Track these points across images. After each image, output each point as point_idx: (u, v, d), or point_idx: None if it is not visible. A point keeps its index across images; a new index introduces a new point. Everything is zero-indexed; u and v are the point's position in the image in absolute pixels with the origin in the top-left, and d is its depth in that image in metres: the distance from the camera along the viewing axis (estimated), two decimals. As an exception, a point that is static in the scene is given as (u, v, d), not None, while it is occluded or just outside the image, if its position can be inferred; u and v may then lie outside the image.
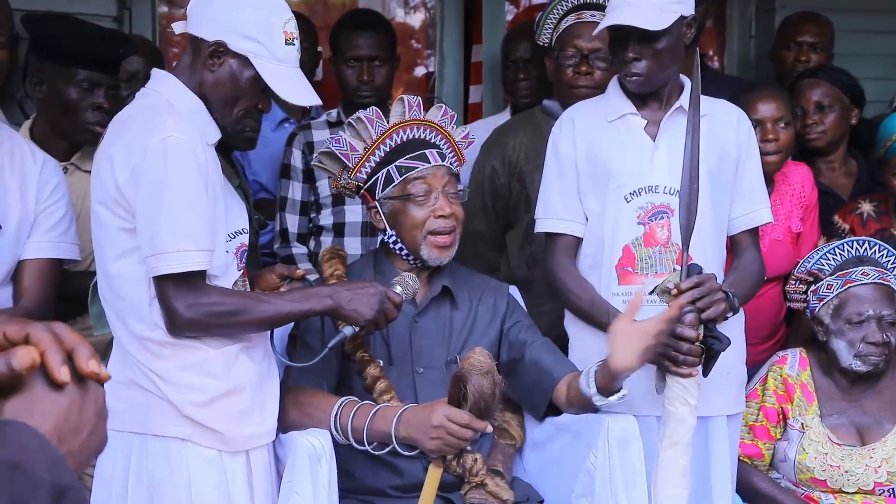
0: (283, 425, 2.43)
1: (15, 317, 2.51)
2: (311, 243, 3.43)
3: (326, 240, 3.37)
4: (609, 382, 2.41)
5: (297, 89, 2.31)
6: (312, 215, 3.43)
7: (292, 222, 3.43)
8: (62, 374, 0.92)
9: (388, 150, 2.58)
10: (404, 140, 2.59)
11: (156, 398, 2.23)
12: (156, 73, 2.33)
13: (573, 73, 3.13)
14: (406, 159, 2.57)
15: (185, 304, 2.18)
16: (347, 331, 2.40)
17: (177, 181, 2.14)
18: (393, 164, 2.57)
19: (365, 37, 3.46)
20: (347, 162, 2.59)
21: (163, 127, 2.16)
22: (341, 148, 2.59)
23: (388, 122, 2.59)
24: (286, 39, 2.27)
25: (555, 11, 3.21)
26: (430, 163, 2.57)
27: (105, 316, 2.33)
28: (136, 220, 2.17)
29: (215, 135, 2.29)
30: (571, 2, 3.17)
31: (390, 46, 3.52)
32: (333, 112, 3.49)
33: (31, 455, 0.86)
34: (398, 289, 2.45)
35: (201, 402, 2.24)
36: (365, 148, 2.58)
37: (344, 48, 3.47)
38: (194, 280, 2.18)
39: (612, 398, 2.42)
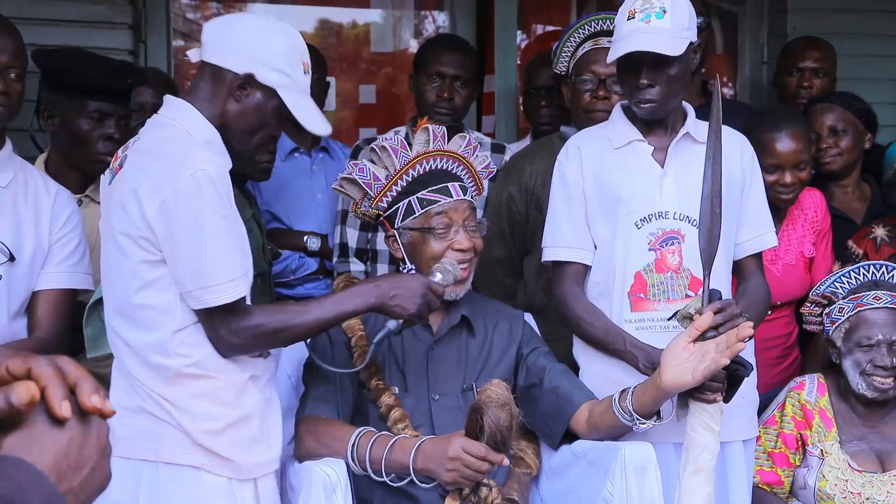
0: (300, 454, 2.43)
1: (28, 348, 2.52)
2: (368, 265, 3.45)
3: (382, 267, 3.37)
4: (647, 405, 2.42)
5: (315, 119, 2.33)
6: (370, 235, 3.44)
7: (352, 237, 3.44)
8: (63, 409, 0.91)
9: (410, 179, 2.58)
10: (427, 171, 2.59)
11: (168, 426, 2.22)
12: (170, 100, 2.32)
13: (590, 98, 3.14)
14: (429, 191, 2.56)
15: (231, 330, 2.20)
16: (391, 325, 2.40)
17: (213, 213, 2.15)
18: (415, 196, 2.56)
19: (452, 55, 3.55)
20: (370, 191, 2.59)
21: (192, 160, 2.16)
22: (364, 177, 2.59)
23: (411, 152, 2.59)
24: (304, 69, 2.30)
25: (572, 39, 3.24)
26: (452, 197, 2.57)
27: (101, 338, 2.33)
28: (169, 253, 2.17)
29: (228, 164, 2.30)
30: (588, 29, 3.19)
31: (473, 70, 3.61)
32: (402, 129, 3.53)
33: (26, 492, 0.85)
34: (438, 276, 2.46)
35: (215, 430, 2.23)
36: (388, 177, 2.58)
37: (429, 63, 3.55)
38: (238, 305, 2.20)
39: (649, 422, 2.43)
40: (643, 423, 2.43)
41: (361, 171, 2.59)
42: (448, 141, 2.64)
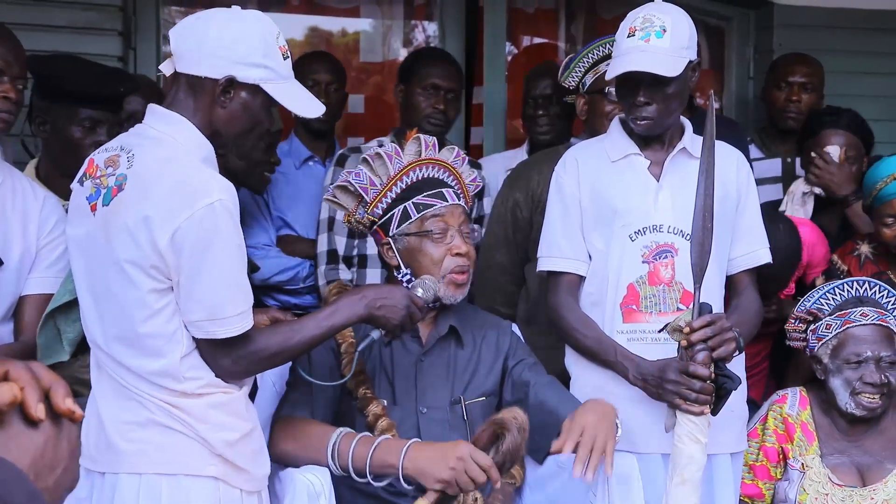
0: (275, 455, 2.40)
1: (15, 352, 2.52)
2: (354, 272, 3.46)
3: (373, 272, 3.39)
4: None
5: (304, 102, 2.28)
6: (356, 241, 3.46)
7: (340, 244, 3.46)
8: (38, 411, 0.94)
9: (404, 186, 2.60)
10: (420, 178, 2.61)
11: (183, 437, 2.16)
12: (158, 112, 2.23)
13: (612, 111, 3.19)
14: (424, 196, 2.58)
15: (232, 359, 2.16)
16: (375, 334, 2.42)
17: (227, 244, 2.10)
18: (410, 201, 2.58)
19: (444, 68, 3.64)
20: (366, 196, 2.60)
21: (209, 190, 2.08)
22: (361, 182, 2.59)
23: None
24: (282, 55, 2.23)
25: (588, 56, 3.31)
26: (447, 201, 2.59)
27: (55, 345, 2.31)
28: (179, 281, 2.10)
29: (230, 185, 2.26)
30: (606, 50, 3.25)
31: (461, 83, 3.72)
32: (385, 139, 3.55)
33: (10, 489, 0.87)
34: (419, 291, 2.47)
35: (233, 440, 2.19)
36: (382, 184, 2.60)
37: (424, 76, 3.60)
38: (241, 334, 2.17)
39: None
40: None
41: (357, 175, 2.59)
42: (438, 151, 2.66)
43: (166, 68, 2.26)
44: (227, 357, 2.16)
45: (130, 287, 2.11)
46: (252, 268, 3.10)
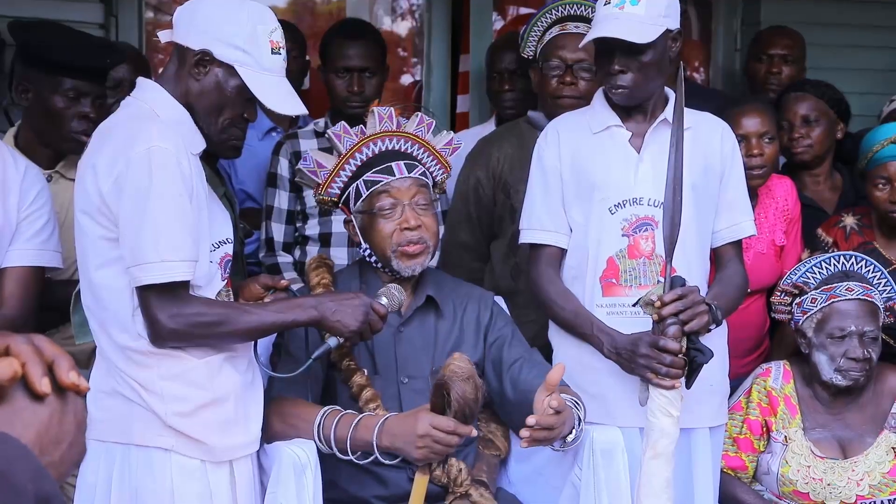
0: (268, 436, 2.43)
1: (-4, 327, 2.50)
2: (297, 253, 3.43)
3: (312, 249, 3.37)
4: None
5: (283, 98, 2.30)
6: (298, 224, 3.43)
7: (278, 231, 3.42)
8: (43, 385, 0.93)
9: (358, 164, 2.59)
10: (375, 153, 2.59)
11: (139, 408, 2.22)
12: (141, 82, 2.32)
13: (557, 84, 3.14)
14: (372, 173, 2.57)
15: (168, 314, 2.17)
16: (332, 342, 2.40)
17: (161, 191, 2.13)
18: (361, 179, 2.57)
19: (355, 47, 3.47)
20: (316, 178, 2.60)
21: (147, 136, 2.15)
22: (308, 165, 2.60)
23: (363, 135, 2.59)
24: (272, 49, 2.26)
25: (539, 23, 3.23)
26: (394, 175, 2.57)
27: (87, 325, 2.32)
28: (119, 229, 2.16)
29: (200, 144, 2.29)
30: (556, 14, 3.18)
31: (380, 57, 3.53)
32: (321, 121, 3.49)
33: (14, 465, 0.86)
34: (384, 300, 2.45)
35: (185, 412, 2.23)
36: (334, 164, 2.59)
37: (334, 58, 3.48)
38: (177, 291, 2.18)
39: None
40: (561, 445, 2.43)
41: (305, 160, 2.61)
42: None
43: (164, 36, 2.33)
44: (162, 312, 2.16)
45: (83, 235, 2.22)
46: (246, 233, 3.09)
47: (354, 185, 2.58)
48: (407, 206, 2.55)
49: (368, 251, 2.59)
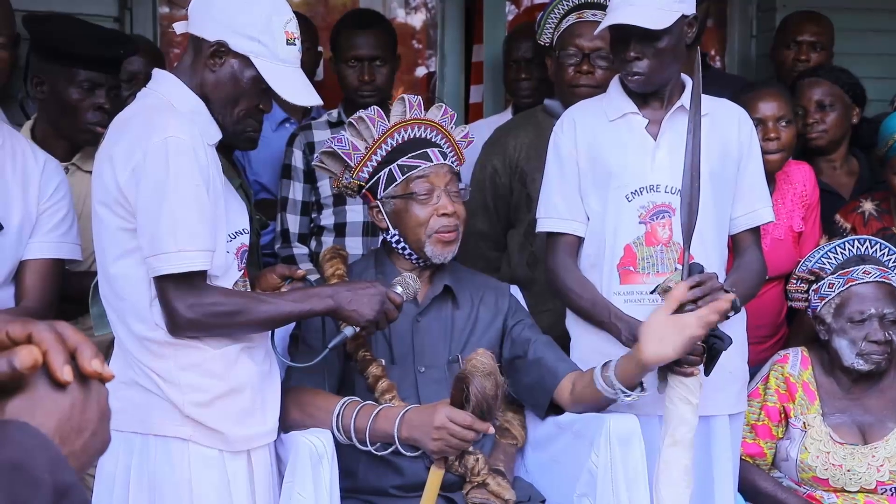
0: (286, 426, 2.43)
1: (17, 316, 2.52)
2: (312, 243, 3.44)
3: (327, 240, 3.38)
4: (630, 377, 2.43)
5: (298, 89, 2.30)
6: (313, 215, 3.44)
7: (293, 222, 3.43)
8: (65, 373, 0.91)
9: (389, 149, 2.59)
10: (406, 139, 2.60)
11: (157, 398, 2.23)
12: (157, 73, 2.33)
13: (574, 73, 3.13)
14: (408, 158, 2.57)
15: (186, 304, 2.18)
16: (348, 331, 2.40)
17: (178, 181, 2.14)
18: (395, 163, 2.57)
19: (366, 37, 3.47)
20: (350, 161, 2.59)
21: (164, 127, 2.16)
22: (343, 147, 2.59)
23: (388, 122, 2.59)
24: (287, 39, 2.27)
25: (556, 11, 3.22)
26: (432, 161, 2.58)
27: (106, 316, 2.33)
28: (136, 220, 2.17)
29: (216, 135, 2.29)
30: (572, 1, 3.17)
31: (391, 46, 3.53)
32: (334, 112, 3.50)
33: (33, 455, 0.86)
34: (399, 289, 2.45)
35: (202, 401, 2.24)
36: (367, 147, 2.59)
37: (345, 48, 3.48)
38: (195, 280, 2.18)
39: (634, 394, 2.44)
40: (628, 396, 2.45)
41: (340, 141, 2.60)
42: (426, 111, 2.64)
43: (180, 27, 2.33)
44: (180, 301, 2.17)
45: (102, 226, 2.22)
46: (262, 225, 3.09)
47: (387, 169, 2.57)
48: (443, 192, 2.56)
49: (397, 237, 2.58)
